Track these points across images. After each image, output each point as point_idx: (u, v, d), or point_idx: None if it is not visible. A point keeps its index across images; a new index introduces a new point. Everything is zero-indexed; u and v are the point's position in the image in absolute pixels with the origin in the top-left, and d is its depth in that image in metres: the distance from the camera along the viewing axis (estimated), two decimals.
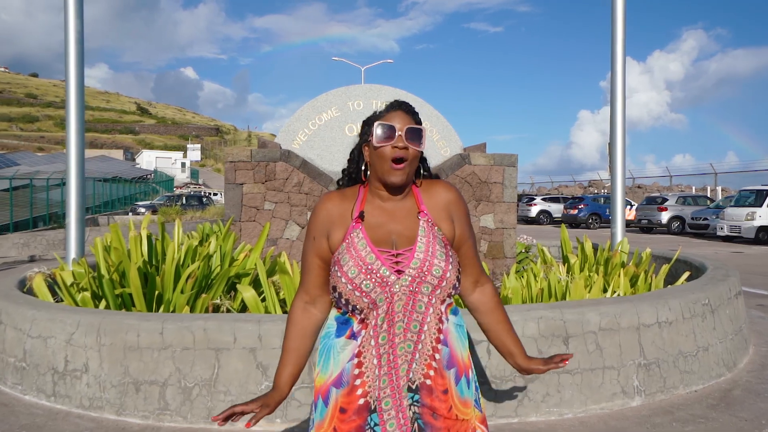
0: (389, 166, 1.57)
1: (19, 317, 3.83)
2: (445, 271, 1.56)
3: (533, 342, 3.45)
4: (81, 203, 5.42)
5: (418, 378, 1.55)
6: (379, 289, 1.53)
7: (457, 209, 1.69)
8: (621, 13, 6.52)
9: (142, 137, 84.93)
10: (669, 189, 33.63)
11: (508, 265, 6.26)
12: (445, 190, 1.69)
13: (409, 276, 1.54)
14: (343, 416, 1.54)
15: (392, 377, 1.53)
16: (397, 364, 1.53)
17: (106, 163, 43.24)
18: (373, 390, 1.54)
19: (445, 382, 1.58)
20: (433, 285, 1.55)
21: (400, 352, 1.54)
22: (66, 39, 5.36)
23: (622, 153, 6.61)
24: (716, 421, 3.34)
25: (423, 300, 1.55)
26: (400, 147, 1.57)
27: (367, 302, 1.54)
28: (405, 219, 1.63)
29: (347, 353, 1.57)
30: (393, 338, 1.54)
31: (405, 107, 1.64)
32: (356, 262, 1.54)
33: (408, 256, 1.56)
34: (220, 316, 3.50)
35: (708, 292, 4.21)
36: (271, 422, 3.26)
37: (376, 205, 1.63)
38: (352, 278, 1.53)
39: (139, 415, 3.36)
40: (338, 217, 1.62)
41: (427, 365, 1.55)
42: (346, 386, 1.55)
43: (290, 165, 6.00)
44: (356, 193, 1.66)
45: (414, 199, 1.67)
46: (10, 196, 18.13)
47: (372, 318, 1.54)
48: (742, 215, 17.14)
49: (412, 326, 1.55)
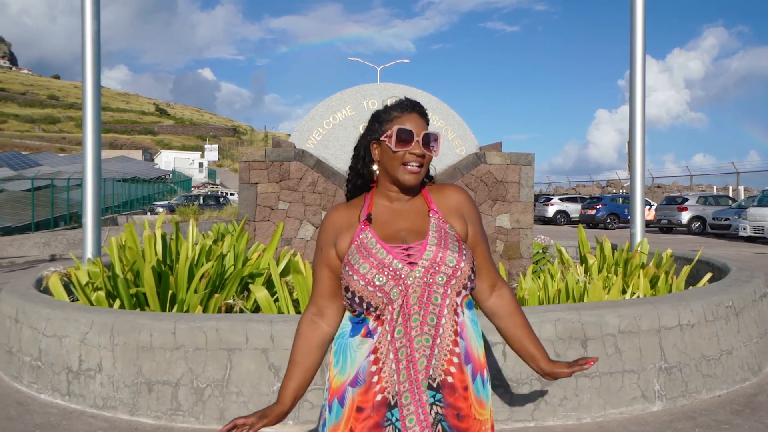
0: (404, 170, 1.58)
1: (34, 316, 3.86)
2: (459, 262, 1.53)
3: (550, 344, 3.37)
4: (97, 203, 5.45)
5: (438, 375, 1.50)
6: (392, 282, 1.49)
7: (469, 210, 1.68)
8: (641, 10, 6.39)
9: (160, 138, 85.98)
10: (689, 189, 33.06)
11: (524, 265, 6.17)
12: (455, 193, 1.69)
13: (423, 267, 1.51)
14: (359, 415, 1.51)
15: (410, 371, 1.49)
16: (415, 357, 1.49)
17: (126, 163, 43.81)
18: (391, 385, 1.50)
19: (465, 378, 1.53)
20: (447, 275, 1.52)
21: (417, 345, 1.50)
22: (83, 40, 5.40)
23: (642, 152, 6.48)
24: (741, 427, 3.24)
25: (438, 291, 1.52)
26: (417, 154, 1.58)
27: (382, 297, 1.50)
28: (415, 218, 1.62)
29: (363, 351, 1.53)
30: (409, 331, 1.50)
31: (419, 109, 1.65)
32: (367, 260, 1.52)
33: (420, 249, 1.54)
34: (233, 317, 3.48)
35: (732, 294, 4.09)
36: (283, 424, 3.23)
37: (384, 207, 1.64)
38: (364, 274, 1.50)
39: (151, 415, 3.35)
40: (345, 225, 1.62)
41: (447, 360, 1.51)
42: (363, 384, 1.51)
43: (304, 164, 5.97)
44: (363, 201, 1.67)
45: (423, 199, 1.66)
46: (32, 196, 18.43)
47: (387, 313, 1.51)
48: (766, 215, 16.75)
49: (429, 319, 1.51)
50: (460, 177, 6.18)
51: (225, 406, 3.28)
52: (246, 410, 3.25)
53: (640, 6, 6.38)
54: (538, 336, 3.47)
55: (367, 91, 6.37)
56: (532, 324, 3.34)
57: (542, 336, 3.36)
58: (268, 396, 3.26)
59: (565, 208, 28.04)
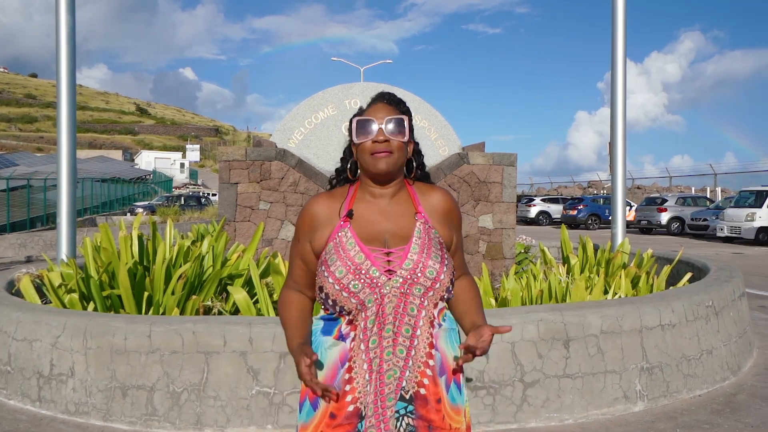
0: (371, 157, 1.51)
1: (4, 319, 3.73)
2: (439, 273, 1.49)
3: (533, 345, 3.35)
4: (72, 202, 5.31)
5: (411, 387, 1.47)
6: (368, 290, 1.45)
7: (456, 218, 1.64)
8: (621, 11, 6.43)
9: (141, 138, 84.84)
10: (668, 190, 33.53)
11: (507, 266, 6.16)
12: (444, 198, 1.62)
13: (401, 277, 1.46)
14: (332, 421, 1.47)
15: (377, 383, 1.46)
16: (383, 369, 1.45)
17: (105, 163, 43.12)
18: (364, 396, 1.47)
19: (438, 390, 1.50)
20: (425, 287, 1.47)
21: (387, 357, 1.46)
22: (57, 36, 5.27)
23: (623, 153, 6.52)
24: (721, 427, 3.24)
25: (415, 302, 1.47)
26: (381, 141, 1.50)
27: (356, 303, 1.46)
28: (400, 219, 1.55)
29: (335, 353, 1.50)
30: (382, 342, 1.46)
31: (387, 98, 1.58)
32: (344, 262, 1.47)
33: (400, 256, 1.49)
34: (210, 319, 3.39)
35: (712, 294, 4.12)
36: (262, 428, 3.16)
37: (367, 203, 1.56)
38: (340, 278, 1.45)
39: (126, 420, 3.25)
40: (325, 218, 1.56)
41: (420, 372, 1.48)
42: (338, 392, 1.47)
43: (286, 164, 5.90)
44: (345, 192, 1.59)
45: (410, 199, 1.59)
46: (7, 196, 18.01)
47: (361, 320, 1.47)
48: (742, 216, 17.04)
49: (404, 330, 1.47)
50: (443, 177, 6.15)
51: (202, 411, 3.20)
52: (224, 415, 3.18)
53: (621, 9, 6.42)
54: (521, 337, 3.41)
55: (349, 90, 6.31)
56: (515, 325, 3.32)
57: (525, 337, 3.33)
58: (246, 400, 3.18)
59: (547, 209, 28.24)
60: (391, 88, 6.33)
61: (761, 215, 16.72)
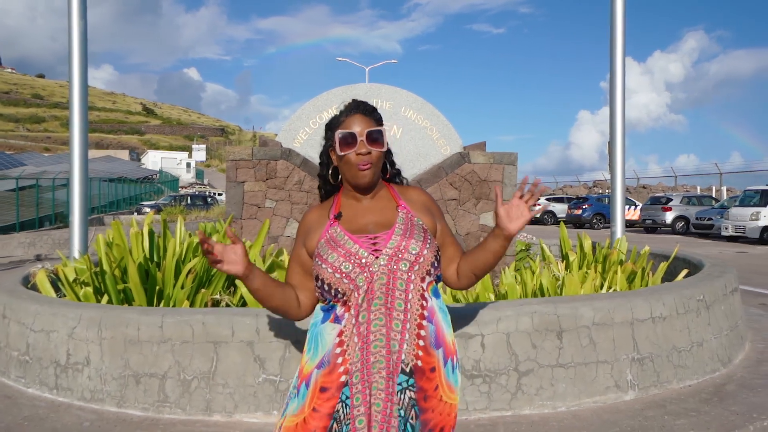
0: (356, 171, 1.67)
1: (22, 312, 3.90)
2: (422, 249, 1.63)
3: (527, 336, 3.49)
4: (84, 200, 5.49)
5: (410, 359, 1.57)
6: (358, 269, 1.59)
7: (435, 208, 1.81)
8: (621, 12, 6.54)
9: (147, 138, 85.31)
10: (673, 189, 33.50)
11: (507, 263, 6.29)
12: (421, 193, 1.83)
13: (386, 255, 1.61)
14: (323, 395, 1.58)
15: (364, 353, 1.57)
16: (369, 340, 1.57)
17: (112, 163, 43.47)
18: (354, 366, 1.57)
19: (433, 360, 1.60)
20: (410, 261, 1.61)
21: (374, 328, 1.58)
22: (70, 39, 5.44)
23: (622, 151, 6.63)
24: (708, 414, 3.38)
25: (402, 277, 1.61)
26: (364, 153, 1.66)
27: (348, 283, 1.60)
28: (383, 211, 1.72)
29: (332, 336, 1.62)
30: (370, 315, 1.58)
31: (362, 108, 1.72)
32: (336, 250, 1.63)
33: (385, 239, 1.64)
34: (219, 310, 3.55)
35: (703, 288, 4.24)
36: (269, 413, 3.32)
37: (351, 204, 1.75)
38: (332, 263, 1.61)
39: (139, 407, 3.42)
40: (316, 223, 1.74)
41: (415, 344, 1.58)
42: (328, 365, 1.59)
43: (291, 163, 6.06)
44: (333, 201, 1.79)
45: (391, 196, 1.77)
46: (16, 196, 18.29)
47: (354, 299, 1.60)
48: (747, 215, 17.08)
49: (397, 304, 1.58)
50: (444, 176, 6.29)
51: (211, 398, 3.36)
52: (232, 401, 3.34)
53: (620, 9, 6.53)
54: (515, 328, 3.56)
55: (353, 91, 6.46)
56: (510, 317, 3.46)
57: (519, 328, 3.47)
58: (253, 387, 3.34)
59: (552, 208, 28.30)
60: (394, 89, 6.49)
61: (766, 214, 16.75)
